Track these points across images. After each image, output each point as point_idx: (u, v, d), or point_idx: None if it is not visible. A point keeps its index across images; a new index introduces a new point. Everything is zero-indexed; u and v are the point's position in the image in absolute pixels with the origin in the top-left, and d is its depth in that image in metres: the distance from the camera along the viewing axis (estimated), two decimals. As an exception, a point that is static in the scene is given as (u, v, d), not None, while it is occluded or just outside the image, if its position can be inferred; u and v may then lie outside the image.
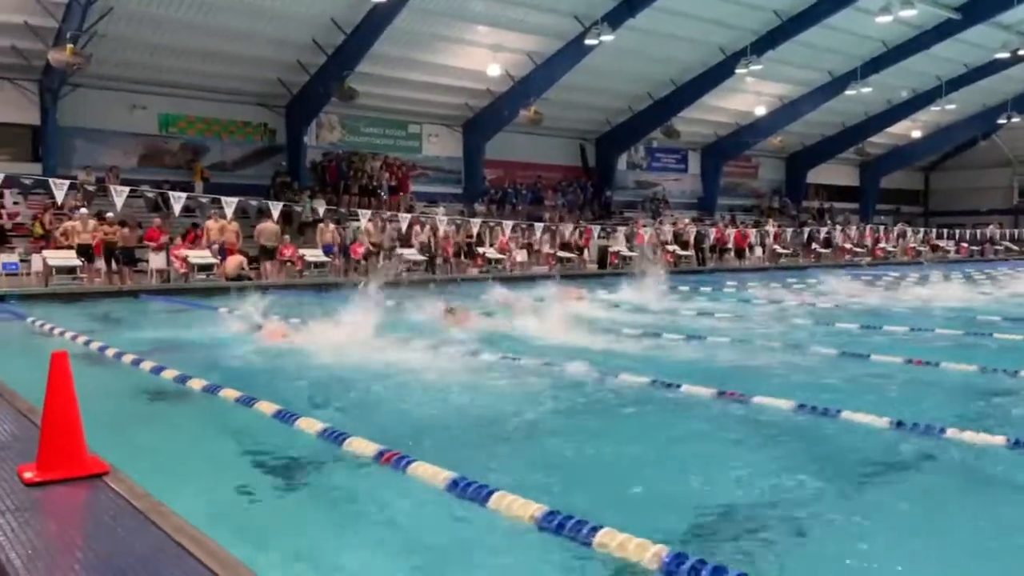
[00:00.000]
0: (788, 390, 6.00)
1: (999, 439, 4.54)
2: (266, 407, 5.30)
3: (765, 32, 27.58)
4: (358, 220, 21.13)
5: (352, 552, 3.20)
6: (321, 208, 21.95)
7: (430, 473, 3.92)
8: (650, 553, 2.94)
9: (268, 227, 19.39)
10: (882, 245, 35.95)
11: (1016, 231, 40.22)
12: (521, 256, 24.20)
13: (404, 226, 21.87)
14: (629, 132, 32.81)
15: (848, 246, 34.40)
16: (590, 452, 4.75)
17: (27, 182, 17.79)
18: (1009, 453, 4.43)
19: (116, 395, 6.20)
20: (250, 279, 18.16)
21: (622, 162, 34.47)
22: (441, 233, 22.42)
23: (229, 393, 5.80)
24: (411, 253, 21.86)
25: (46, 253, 16.68)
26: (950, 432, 4.71)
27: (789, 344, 8.66)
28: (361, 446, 4.38)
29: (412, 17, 22.32)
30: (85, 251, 16.95)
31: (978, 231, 39.78)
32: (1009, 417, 5.47)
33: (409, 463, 4.04)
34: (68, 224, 17.35)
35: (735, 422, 5.36)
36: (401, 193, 26.82)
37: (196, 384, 6.21)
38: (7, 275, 16.64)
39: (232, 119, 24.90)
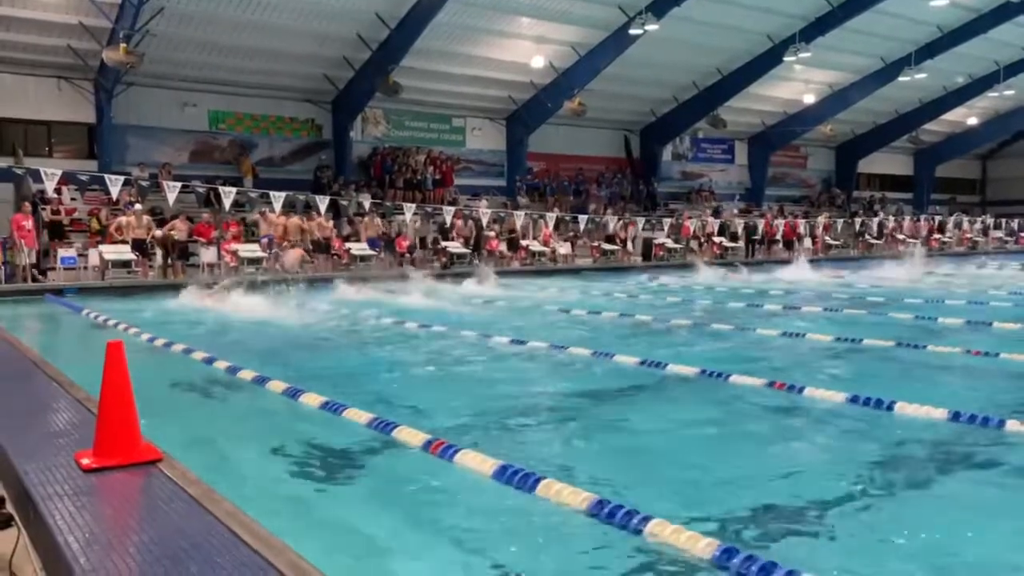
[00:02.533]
0: (846, 382, 5.88)
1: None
2: (313, 398, 5.37)
3: (814, 18, 26.94)
4: (403, 214, 21.27)
5: (400, 541, 3.22)
6: (366, 202, 22.14)
7: (477, 461, 3.93)
8: (701, 546, 2.90)
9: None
10: (937, 236, 34.99)
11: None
12: (564, 249, 24.11)
13: (448, 219, 21.95)
14: (674, 123, 32.39)
15: (901, 236, 33.55)
16: (637, 439, 4.72)
17: (84, 178, 18.27)
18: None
19: (170, 384, 6.34)
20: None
21: (667, 153, 34.05)
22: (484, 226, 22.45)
23: (277, 384, 5.89)
24: (455, 246, 21.95)
25: (102, 248, 17.13)
26: (1010, 424, 4.57)
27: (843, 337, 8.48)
28: (409, 435, 4.41)
29: (456, 10, 22.33)
30: (139, 245, 17.37)
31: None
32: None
33: (456, 451, 4.05)
34: (122, 219, 17.80)
35: (786, 413, 5.27)
36: (445, 186, 26.87)
37: (246, 375, 6.32)
38: (65, 269, 17.13)
39: (279, 115, 25.23)
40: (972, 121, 38.94)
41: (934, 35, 29.75)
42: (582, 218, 24.64)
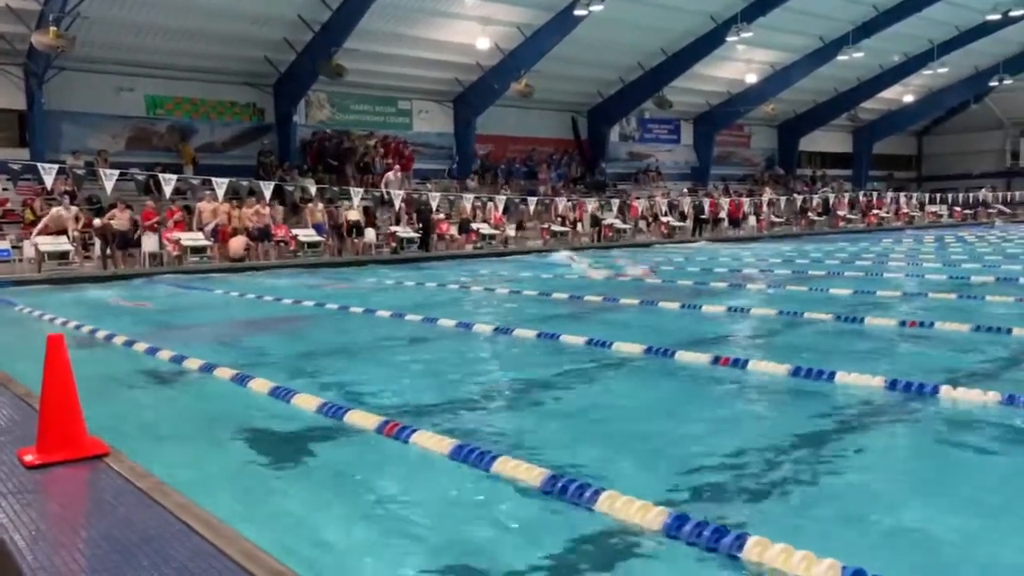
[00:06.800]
0: (787, 354, 6.04)
1: (992, 396, 4.59)
2: (262, 384, 5.32)
3: (755, -2, 27.36)
4: (351, 199, 21.03)
5: (356, 523, 3.23)
6: (312, 187, 21.82)
7: (433, 441, 3.96)
8: (652, 515, 2.98)
9: (244, 212, 19.31)
10: (875, 211, 36.01)
11: (1009, 194, 40.26)
12: (511, 231, 24.18)
13: (397, 203, 21.81)
14: (621, 103, 32.61)
15: (842, 213, 34.47)
16: (587, 416, 4.79)
17: (15, 168, 17.62)
18: (1002, 409, 4.49)
19: (114, 376, 6.20)
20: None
21: (614, 134, 34.29)
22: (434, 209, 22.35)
23: (224, 372, 5.82)
24: (404, 230, 21.85)
25: (38, 239, 16.59)
26: (943, 391, 4.77)
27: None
28: (362, 419, 4.41)
29: (399, -10, 22.08)
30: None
31: (971, 195, 39.84)
32: (1002, 375, 5.53)
33: (412, 432, 4.07)
34: (54, 210, 17.24)
35: (731, 387, 5.41)
36: (403, 171, 26.44)
37: (192, 364, 6.22)
38: (-1, 262, 16.58)
39: (220, 99, 24.65)
40: (908, 99, 40.06)
41: (870, 14, 30.45)
42: (531, 200, 24.70)
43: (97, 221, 17.63)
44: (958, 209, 39.07)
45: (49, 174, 16.92)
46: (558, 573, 2.75)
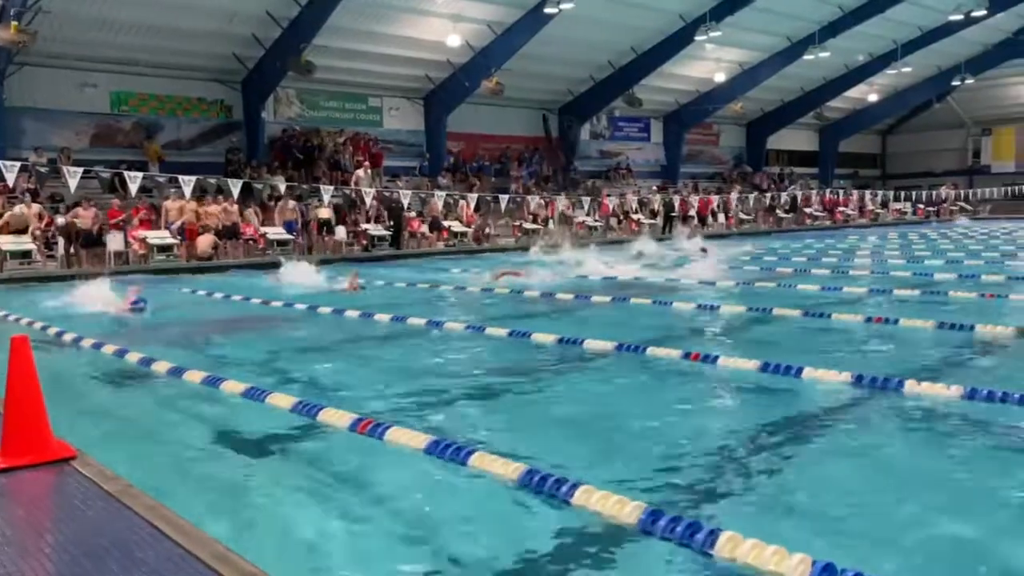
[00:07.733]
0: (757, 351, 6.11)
1: (955, 391, 4.70)
2: (234, 386, 5.26)
3: (724, -2, 27.58)
4: (320, 196, 20.86)
5: (333, 522, 3.21)
6: (281, 185, 21.60)
7: (408, 438, 3.95)
8: (627, 510, 3.01)
9: (211, 209, 19.08)
10: (841, 209, 36.54)
11: (970, 192, 41.07)
12: (485, 228, 24.14)
13: (369, 201, 21.68)
14: (591, 101, 32.70)
15: (809, 211, 34.94)
16: (561, 411, 4.81)
17: (-25, 166, 17.22)
18: (965, 403, 4.60)
19: (81, 379, 6.11)
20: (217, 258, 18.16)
21: (585, 132, 34.39)
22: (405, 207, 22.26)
23: (194, 375, 5.74)
24: (375, 228, 21.73)
25: (-1, 238, 16.27)
26: (908, 385, 4.86)
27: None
28: (335, 417, 4.39)
29: (369, -13, 21.92)
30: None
31: (933, 192, 40.57)
32: (964, 370, 5.66)
33: (386, 429, 4.05)
34: (16, 209, 16.86)
35: (702, 382, 5.47)
36: (372, 168, 26.24)
37: (161, 365, 6.14)
38: (-41, 262, 16.19)
39: (186, 96, 24.28)
40: (872, 98, 40.67)
41: (836, 15, 30.86)
42: (503, 197, 24.68)
43: (60, 219, 17.30)
44: (921, 206, 39.78)
45: (11, 172, 16.55)
46: (534, 567, 2.77)
